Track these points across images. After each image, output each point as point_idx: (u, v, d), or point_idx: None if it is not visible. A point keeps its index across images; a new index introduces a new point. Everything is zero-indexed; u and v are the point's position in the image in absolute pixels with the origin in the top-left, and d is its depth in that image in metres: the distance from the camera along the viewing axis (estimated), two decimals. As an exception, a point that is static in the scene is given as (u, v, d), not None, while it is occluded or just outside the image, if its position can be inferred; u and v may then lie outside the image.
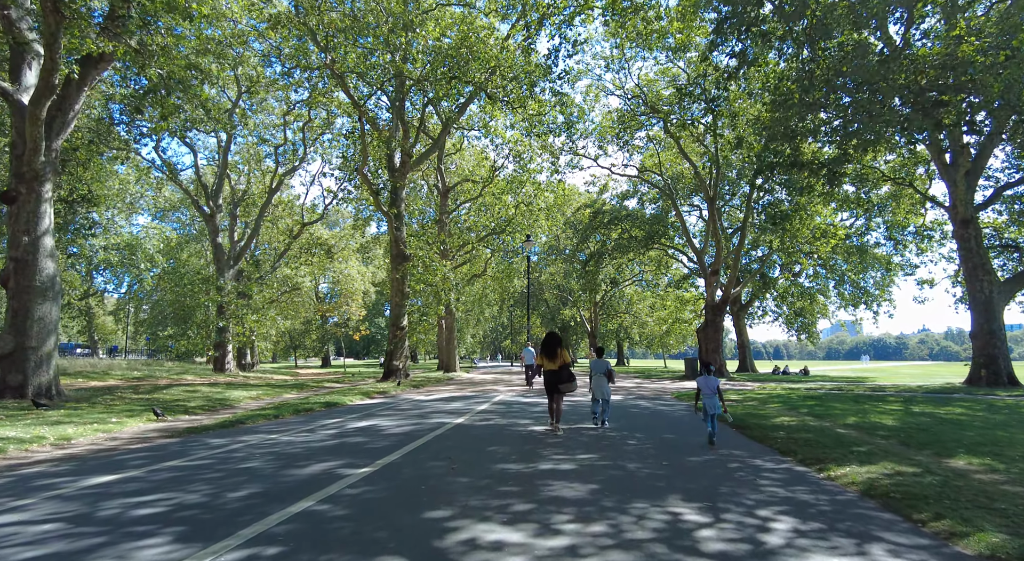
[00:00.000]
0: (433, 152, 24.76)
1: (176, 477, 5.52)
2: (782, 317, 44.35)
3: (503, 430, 8.88)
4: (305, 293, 54.76)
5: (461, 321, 62.01)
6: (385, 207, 22.98)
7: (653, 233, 34.46)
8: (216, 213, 32.62)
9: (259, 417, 10.92)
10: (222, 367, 31.80)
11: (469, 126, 35.47)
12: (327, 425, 9.74)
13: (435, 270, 22.73)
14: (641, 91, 29.31)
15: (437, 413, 11.44)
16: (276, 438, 8.23)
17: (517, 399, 15.15)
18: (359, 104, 19.68)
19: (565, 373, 8.74)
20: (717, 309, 30.67)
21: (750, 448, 7.60)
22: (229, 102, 32.66)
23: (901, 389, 20.21)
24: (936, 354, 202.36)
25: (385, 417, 10.84)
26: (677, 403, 14.80)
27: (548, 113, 20.00)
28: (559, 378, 8.73)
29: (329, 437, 8.23)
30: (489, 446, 7.31)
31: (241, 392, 16.76)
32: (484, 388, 20.01)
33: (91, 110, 23.70)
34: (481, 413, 11.46)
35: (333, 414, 11.72)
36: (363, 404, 14.18)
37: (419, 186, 42.64)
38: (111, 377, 21.03)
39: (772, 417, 10.83)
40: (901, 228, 27.65)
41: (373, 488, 4.98)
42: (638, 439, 8.10)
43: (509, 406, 13.05)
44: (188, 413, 11.92)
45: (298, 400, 14.76)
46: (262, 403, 14.67)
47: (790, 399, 15.49)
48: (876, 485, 5.15)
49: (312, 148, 33.30)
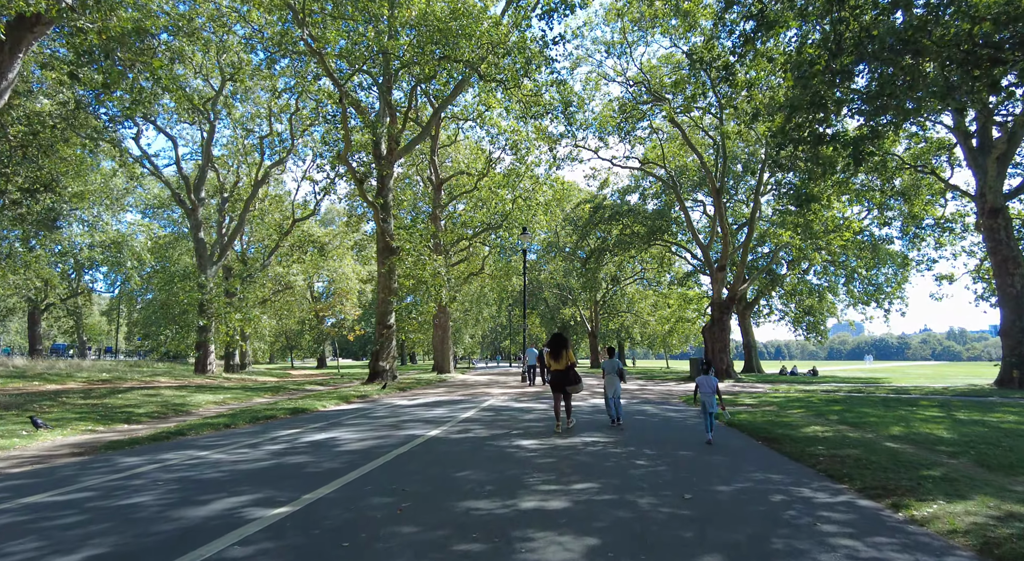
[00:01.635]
0: (423, 139, 23.26)
1: (7, 525, 4.00)
2: (788, 316, 42.85)
3: (483, 446, 7.36)
4: (299, 292, 53.30)
5: (459, 321, 60.43)
6: (371, 196, 21.47)
7: (656, 229, 32.96)
8: (198, 207, 31.10)
9: (206, 427, 9.40)
10: (204, 368, 30.29)
11: (464, 117, 34.04)
12: (278, 438, 8.23)
13: (425, 264, 21.20)
14: (644, 76, 27.83)
15: (413, 422, 9.92)
16: (205, 456, 6.72)
17: (508, 404, 13.63)
18: (340, 83, 18.15)
19: (572, 374, 8.76)
20: (724, 307, 29.15)
21: (788, 470, 6.08)
22: (212, 91, 31.21)
23: (926, 391, 18.66)
24: (939, 354, 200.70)
25: (351, 428, 9.33)
26: (687, 408, 13.29)
27: (544, 92, 18.49)
28: (566, 379, 8.75)
29: (268, 456, 6.71)
30: (461, 470, 5.78)
31: (208, 396, 15.25)
32: (475, 391, 18.49)
33: (60, 92, 22.26)
34: (463, 422, 9.94)
35: (295, 423, 10.21)
36: (335, 410, 12.67)
37: (414, 181, 41.14)
38: (75, 380, 19.53)
39: (801, 426, 9.32)
40: (919, 221, 26.09)
41: (273, 546, 3.46)
42: (648, 457, 6.58)
43: (498, 413, 11.53)
44: (129, 422, 10.41)
45: (264, 405, 13.25)
46: (224, 409, 13.17)
47: (811, 403, 13.98)
48: (992, 538, 3.63)
49: (301, 140, 31.84)
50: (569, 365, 8.77)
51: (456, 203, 39.71)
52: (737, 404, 14.24)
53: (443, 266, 22.98)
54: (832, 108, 11.05)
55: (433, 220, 33.41)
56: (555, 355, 8.83)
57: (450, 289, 25.95)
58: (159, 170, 30.57)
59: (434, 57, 17.69)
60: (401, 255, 21.51)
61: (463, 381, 25.56)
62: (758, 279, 37.71)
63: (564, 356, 8.78)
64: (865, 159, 13.37)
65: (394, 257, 20.89)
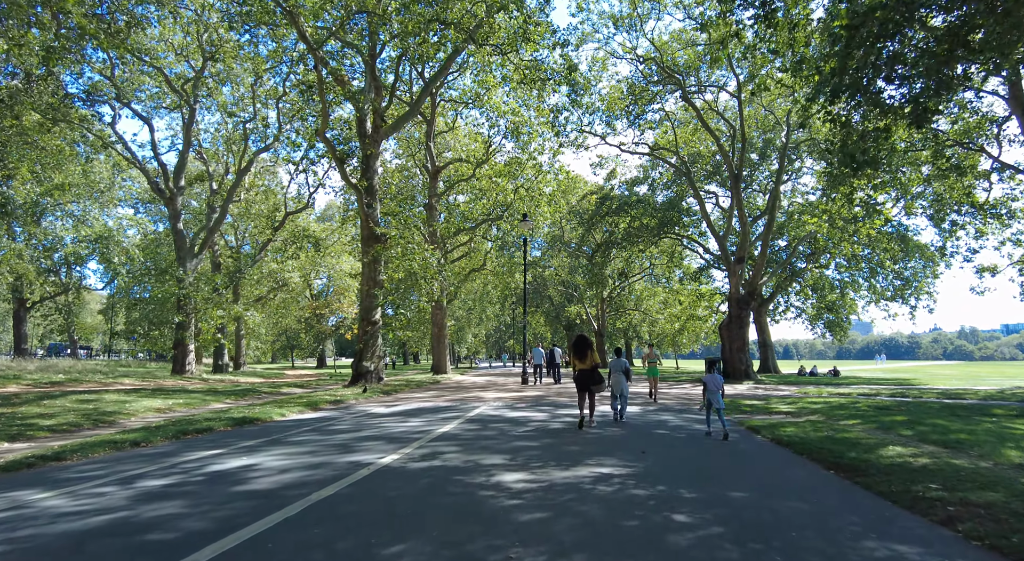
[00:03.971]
0: (413, 116, 21.09)
1: None
2: (804, 313, 40.48)
3: (447, 485, 5.17)
4: (296, 290, 51.32)
5: (462, 320, 58.14)
6: (355, 179, 19.36)
7: (666, 221, 30.69)
8: (177, 195, 29.06)
9: (106, 446, 7.28)
10: (182, 369, 28.23)
11: (462, 100, 31.88)
12: (178, 465, 6.08)
13: (414, 254, 19.06)
14: (657, 50, 25.62)
15: (372, 441, 7.76)
16: (33, 503, 4.58)
17: (500, 413, 11.46)
18: (314, 47, 16.01)
19: (596, 374, 9.17)
20: (743, 302, 26.92)
21: (911, 530, 3.88)
22: (191, 72, 29.19)
23: (982, 396, 16.29)
24: (950, 354, 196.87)
25: (286, 449, 7.17)
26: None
27: (547, 57, 16.32)
28: (591, 378, 9.14)
29: (126, 503, 4.55)
30: (393, 543, 3.61)
31: (154, 402, 13.16)
32: (467, 395, 16.34)
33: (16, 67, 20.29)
34: (437, 441, 7.77)
35: (226, 439, 8.08)
36: (292, 420, 10.53)
37: (412, 174, 38.97)
38: (21, 382, 17.50)
39: (874, 447, 7.11)
40: (961, 206, 23.69)
41: None
42: (689, 505, 4.39)
43: (484, 426, 9.35)
44: (18, 439, 8.32)
45: (211, 414, 11.12)
46: (161, 417, 11.06)
47: (860, 411, 11.76)
48: None
49: (290, 126, 29.73)
50: (594, 365, 9.19)
51: (456, 195, 37.56)
52: (772, 411, 12.03)
53: (435, 257, 20.84)
54: (901, 41, 8.79)
55: (429, 210, 31.29)
56: (580, 356, 9.31)
57: (444, 282, 23.82)
58: (135, 156, 28.48)
59: (423, 19, 15.56)
60: (388, 243, 19.39)
61: (458, 383, 23.40)
62: (776, 275, 35.42)
63: (589, 357, 9.24)
64: (929, 119, 11.16)
65: (379, 246, 18.76)
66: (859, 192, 23.08)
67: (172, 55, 29.44)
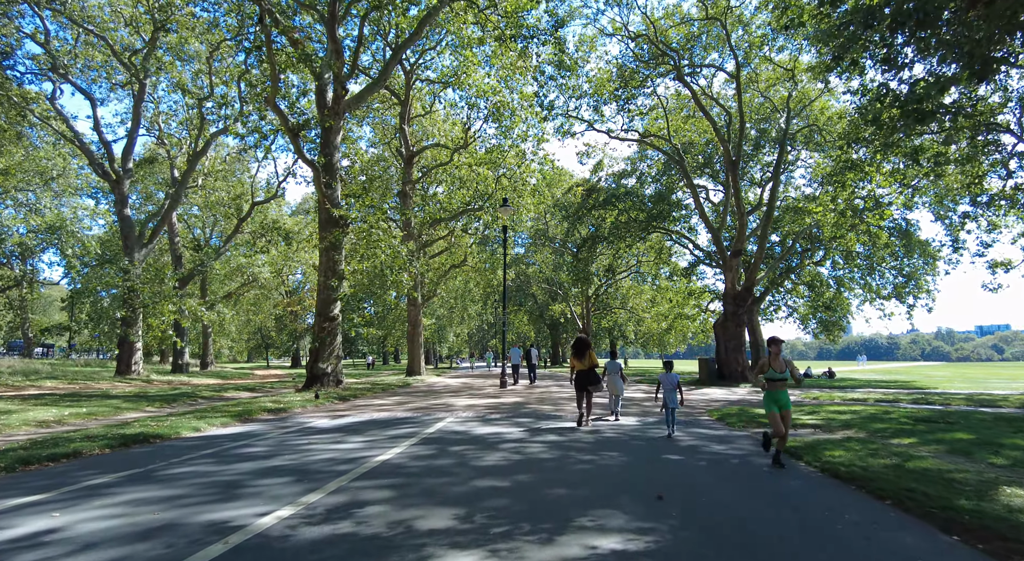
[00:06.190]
0: (379, 85, 18.76)
1: None
2: (797, 312, 38.86)
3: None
4: (268, 286, 48.60)
5: (444, 319, 55.59)
6: (315, 155, 17.03)
7: (655, 214, 28.73)
8: (124, 179, 26.35)
9: None
10: (127, 369, 25.58)
11: (440, 80, 29.60)
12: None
13: (379, 241, 16.78)
14: (652, 25, 23.62)
15: (274, 477, 5.52)
16: None
17: (468, 428, 9.26)
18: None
19: (593, 374, 9.41)
20: (739, 299, 25.06)
21: None
22: (141, 43, 26.53)
23: (1017, 403, 14.49)
24: (928, 355, 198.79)
25: (133, 495, 4.90)
26: (729, 431, 9.04)
27: (529, 13, 14.15)
28: (589, 379, 9.37)
29: None
30: None
31: (48, 412, 10.75)
32: (435, 402, 14.11)
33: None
34: (363, 480, 5.54)
35: (75, 474, 5.78)
36: (200, 438, 8.23)
37: (388, 163, 36.53)
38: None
39: (983, 488, 5.06)
40: (974, 196, 21.97)
41: None
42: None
43: (441, 451, 7.12)
44: None
45: (104, 429, 8.73)
46: (40, 433, 8.69)
47: (898, 422, 9.84)
48: None
49: (256, 107, 27.15)
50: (592, 366, 9.40)
51: (434, 186, 35.21)
52: (794, 423, 9.97)
53: (404, 245, 18.58)
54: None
55: (403, 198, 28.98)
56: (580, 356, 9.48)
57: (417, 274, 21.55)
58: (76, 133, 25.72)
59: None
60: (348, 229, 17.09)
61: (430, 386, 21.12)
62: (772, 270, 33.67)
63: (588, 357, 9.40)
64: (996, 70, 9.25)
65: (337, 230, 16.44)
66: (865, 183, 21.34)
67: (123, 28, 26.87)
